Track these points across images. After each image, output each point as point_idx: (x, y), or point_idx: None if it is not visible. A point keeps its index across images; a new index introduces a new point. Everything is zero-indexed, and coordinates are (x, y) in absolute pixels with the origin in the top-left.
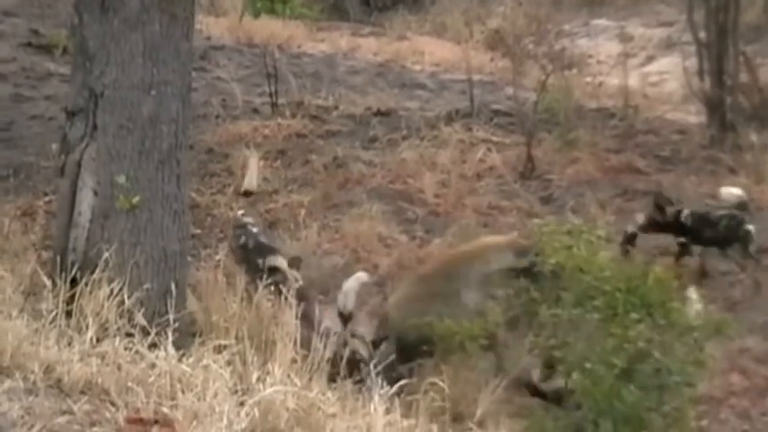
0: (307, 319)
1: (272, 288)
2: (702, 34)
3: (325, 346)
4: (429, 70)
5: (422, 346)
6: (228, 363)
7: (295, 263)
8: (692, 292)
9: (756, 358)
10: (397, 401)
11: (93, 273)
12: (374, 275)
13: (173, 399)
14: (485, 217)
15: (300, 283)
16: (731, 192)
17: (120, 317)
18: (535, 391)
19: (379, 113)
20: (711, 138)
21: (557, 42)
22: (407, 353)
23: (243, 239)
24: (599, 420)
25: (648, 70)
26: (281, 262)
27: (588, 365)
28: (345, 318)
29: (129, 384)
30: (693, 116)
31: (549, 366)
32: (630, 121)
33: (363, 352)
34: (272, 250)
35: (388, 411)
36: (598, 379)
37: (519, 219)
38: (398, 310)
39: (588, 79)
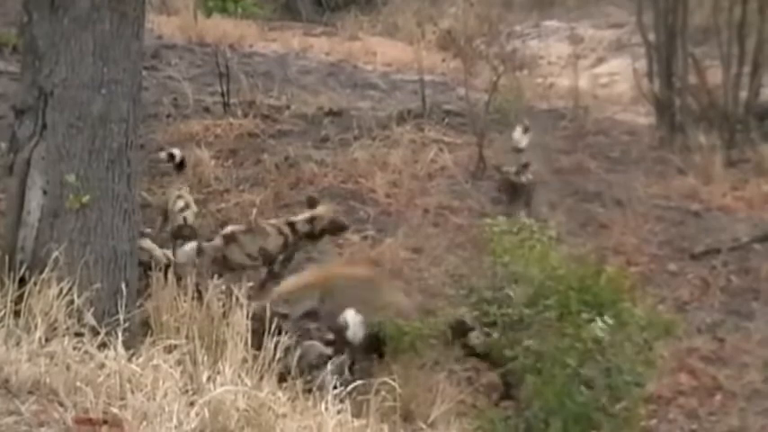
0: None
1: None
2: (652, 36)
3: (276, 346)
4: (381, 70)
5: None
6: (178, 362)
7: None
8: None
9: (704, 358)
10: (348, 401)
11: (42, 272)
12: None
13: (122, 399)
14: (436, 217)
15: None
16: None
17: (70, 317)
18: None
19: (330, 113)
20: (661, 139)
21: (508, 43)
22: None
23: None
24: (549, 419)
25: (599, 71)
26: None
27: (540, 365)
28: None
29: (78, 384)
30: (643, 117)
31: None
32: (581, 122)
33: None
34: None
35: (339, 411)
36: (549, 378)
37: (470, 219)
38: None
39: (539, 80)
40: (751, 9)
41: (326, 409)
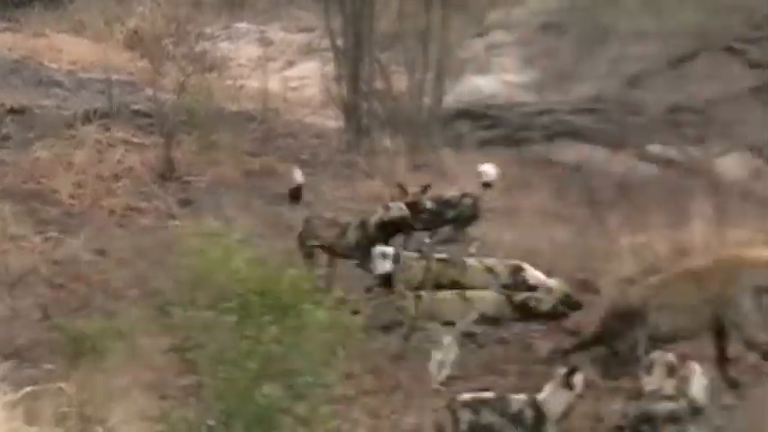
0: None
1: None
2: (340, 41)
3: None
4: (66, 68)
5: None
6: None
7: None
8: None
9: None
10: (20, 408)
11: None
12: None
13: None
14: (122, 218)
15: None
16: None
17: None
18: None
19: (12, 111)
20: (348, 142)
21: (197, 44)
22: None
23: None
24: (230, 422)
25: (289, 75)
26: None
27: (221, 368)
28: None
29: None
30: (332, 121)
31: None
32: (271, 125)
33: None
34: None
35: (10, 419)
36: (231, 381)
37: (158, 220)
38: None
39: (229, 82)
40: (434, 17)
41: None
